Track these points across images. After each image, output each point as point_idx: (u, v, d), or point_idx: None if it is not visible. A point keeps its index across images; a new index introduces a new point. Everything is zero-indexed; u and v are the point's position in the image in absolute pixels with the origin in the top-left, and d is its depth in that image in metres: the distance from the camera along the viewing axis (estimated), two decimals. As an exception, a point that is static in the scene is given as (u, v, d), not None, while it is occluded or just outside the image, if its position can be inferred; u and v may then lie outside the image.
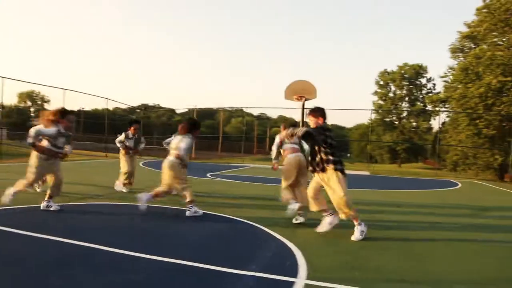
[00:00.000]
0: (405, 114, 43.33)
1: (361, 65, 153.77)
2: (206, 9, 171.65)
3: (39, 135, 4.78)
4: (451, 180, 14.97)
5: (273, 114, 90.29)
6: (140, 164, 14.29)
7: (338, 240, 4.29)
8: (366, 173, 16.55)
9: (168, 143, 6.28)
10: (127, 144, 6.82)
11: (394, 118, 44.02)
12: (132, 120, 7.19)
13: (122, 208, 5.51)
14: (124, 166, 6.81)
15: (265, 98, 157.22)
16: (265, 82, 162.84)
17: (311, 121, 4.48)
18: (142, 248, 3.50)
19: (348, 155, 64.85)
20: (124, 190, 6.71)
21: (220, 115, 46.59)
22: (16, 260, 3.04)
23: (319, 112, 4.48)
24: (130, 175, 6.76)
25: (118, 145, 6.89)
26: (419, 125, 41.26)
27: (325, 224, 4.45)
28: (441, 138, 36.65)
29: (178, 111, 55.60)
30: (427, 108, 38.18)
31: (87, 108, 37.16)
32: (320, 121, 4.42)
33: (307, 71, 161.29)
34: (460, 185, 11.82)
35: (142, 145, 7.04)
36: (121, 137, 6.88)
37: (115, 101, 34.01)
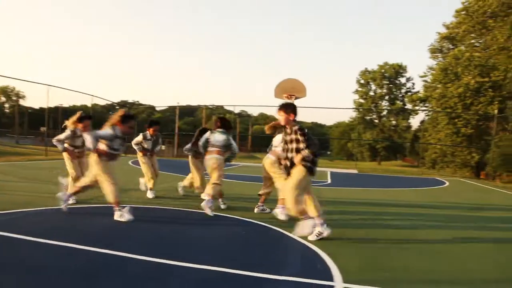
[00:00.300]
0: (385, 112, 44.21)
1: (341, 64, 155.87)
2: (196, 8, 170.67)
3: (97, 137, 4.51)
4: (437, 178, 15.38)
5: (254, 111, 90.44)
6: (129, 163, 13.96)
7: (356, 240, 4.29)
8: (354, 171, 16.79)
9: (189, 149, 6.23)
10: (145, 146, 6.36)
11: (374, 116, 44.85)
12: (152, 120, 6.70)
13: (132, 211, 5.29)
14: (147, 171, 6.37)
15: (246, 96, 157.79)
16: (248, 80, 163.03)
17: (281, 117, 4.20)
18: (168, 254, 3.35)
19: (328, 152, 65.77)
20: (150, 196, 6.32)
21: (202, 112, 46.16)
22: (41, 272, 2.86)
23: (290, 108, 4.21)
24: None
25: (135, 147, 6.40)
26: (398, 124, 42.23)
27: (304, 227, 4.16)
28: (420, 136, 37.63)
29: (158, 108, 54.74)
30: (408, 107, 39.08)
31: (65, 104, 35.94)
32: (291, 117, 4.17)
33: (287, 68, 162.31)
34: (447, 183, 12.16)
35: (159, 146, 6.72)
36: (139, 138, 6.38)
37: (100, 98, 32.76)
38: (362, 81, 45.40)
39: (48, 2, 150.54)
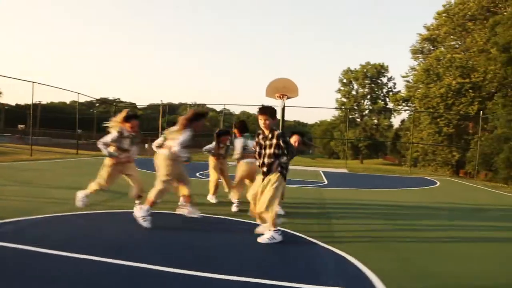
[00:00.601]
0: (367, 111, 44.90)
1: (323, 63, 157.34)
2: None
3: (185, 145, 4.31)
4: (426, 177, 15.63)
5: (236, 109, 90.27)
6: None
7: (382, 244, 4.21)
8: (345, 170, 16.91)
9: (210, 150, 6.09)
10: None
11: (356, 115, 45.46)
12: (174, 120, 6.21)
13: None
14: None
15: (227, 94, 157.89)
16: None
17: (267, 121, 3.97)
18: (191, 264, 3.14)
19: (310, 151, 66.30)
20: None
21: (186, 110, 45.69)
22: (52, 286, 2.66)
23: (275, 114, 4.02)
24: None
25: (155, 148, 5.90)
26: (380, 123, 42.98)
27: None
28: (402, 135, 38.44)
29: (139, 106, 53.74)
30: (392, 107, 39.76)
31: (44, 101, 34.68)
32: (274, 122, 4.07)
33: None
34: (438, 183, 12.36)
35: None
36: (160, 140, 5.91)
37: (85, 95, 31.74)
38: (344, 81, 45.99)
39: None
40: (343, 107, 44.16)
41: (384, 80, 44.59)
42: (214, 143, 6.08)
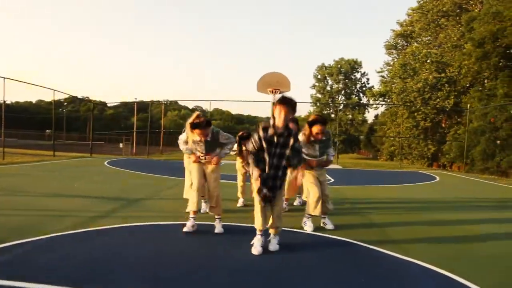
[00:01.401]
0: (341, 107, 45.23)
1: (297, 59, 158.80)
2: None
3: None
4: (421, 171, 15.54)
5: (209, 107, 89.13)
6: (105, 164, 12.45)
7: (457, 250, 3.73)
8: (338, 166, 16.59)
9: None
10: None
11: (331, 111, 45.73)
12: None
13: (164, 229, 4.19)
14: (187, 178, 5.14)
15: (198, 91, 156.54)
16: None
17: (287, 116, 3.30)
18: None
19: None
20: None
21: (161, 107, 43.98)
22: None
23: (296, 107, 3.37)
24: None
25: (183, 148, 4.57)
26: (354, 118, 43.42)
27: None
28: (378, 130, 39.02)
29: (109, 104, 51.48)
30: (367, 101, 40.22)
31: (8, 101, 32.04)
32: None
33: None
34: (438, 177, 12.20)
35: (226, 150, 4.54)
36: (184, 136, 4.57)
37: (63, 92, 29.51)
38: (319, 76, 46.05)
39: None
40: (318, 102, 44.24)
41: (358, 75, 45.08)
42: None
